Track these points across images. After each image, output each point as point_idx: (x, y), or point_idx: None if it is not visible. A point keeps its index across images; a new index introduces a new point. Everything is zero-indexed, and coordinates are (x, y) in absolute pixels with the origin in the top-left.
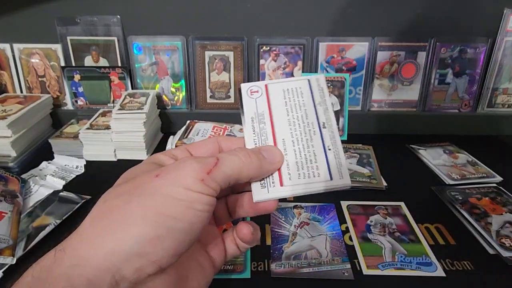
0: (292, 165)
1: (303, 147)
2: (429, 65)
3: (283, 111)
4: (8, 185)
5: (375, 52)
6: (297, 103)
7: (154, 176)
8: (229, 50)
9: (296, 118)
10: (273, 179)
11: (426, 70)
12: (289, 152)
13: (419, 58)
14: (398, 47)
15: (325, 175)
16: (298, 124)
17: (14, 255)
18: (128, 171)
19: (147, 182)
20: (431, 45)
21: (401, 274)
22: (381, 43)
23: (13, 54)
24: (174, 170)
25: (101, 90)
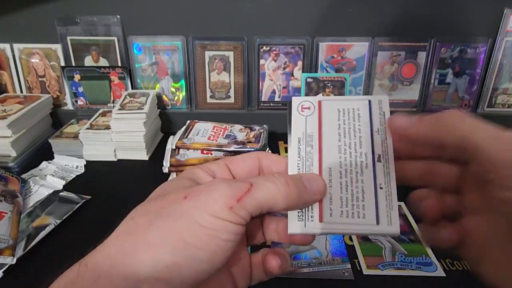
0: (336, 200)
1: (351, 181)
2: (429, 65)
3: (335, 135)
4: (8, 185)
5: (375, 52)
6: (351, 128)
7: (182, 198)
8: (229, 50)
9: (349, 145)
10: (313, 212)
11: (426, 70)
12: (334, 184)
13: (419, 58)
14: (398, 47)
15: (371, 217)
16: (349, 153)
17: (14, 255)
18: (162, 185)
19: (174, 203)
20: (431, 45)
21: (401, 274)
22: (381, 43)
23: (13, 54)
24: (204, 193)
25: (101, 90)
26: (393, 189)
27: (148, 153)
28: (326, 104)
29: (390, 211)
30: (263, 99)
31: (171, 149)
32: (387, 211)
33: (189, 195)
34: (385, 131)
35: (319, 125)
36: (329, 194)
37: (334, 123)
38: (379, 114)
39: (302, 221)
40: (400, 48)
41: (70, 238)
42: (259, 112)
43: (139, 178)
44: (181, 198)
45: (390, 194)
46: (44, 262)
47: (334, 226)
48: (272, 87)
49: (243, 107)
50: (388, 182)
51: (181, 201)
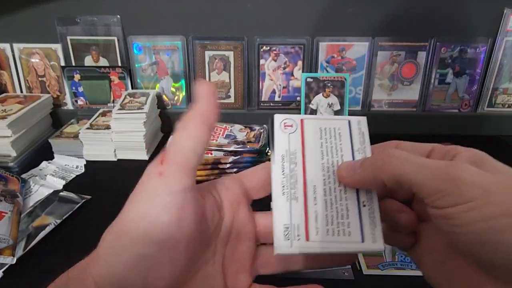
0: (321, 218)
1: (335, 198)
2: (429, 65)
3: (318, 153)
4: (8, 185)
5: (375, 52)
6: (334, 146)
7: (131, 197)
8: (229, 50)
9: (331, 163)
10: (299, 231)
11: (426, 70)
12: (319, 202)
13: (419, 58)
14: (398, 47)
15: (356, 235)
16: (332, 171)
17: (14, 255)
18: None
19: (127, 206)
20: (431, 45)
21: (401, 274)
22: (381, 43)
23: (13, 54)
24: (140, 181)
25: (101, 90)
26: (375, 206)
27: (148, 153)
28: (308, 122)
29: (374, 228)
30: (263, 99)
31: None
32: (371, 228)
33: (133, 191)
34: (365, 151)
35: (302, 143)
36: (314, 213)
37: (316, 141)
38: (359, 134)
39: (288, 240)
40: (400, 48)
41: (70, 238)
42: (259, 112)
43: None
44: (130, 196)
45: (373, 211)
46: (44, 262)
47: (320, 245)
48: (272, 87)
49: (243, 107)
50: (370, 200)
51: (130, 199)
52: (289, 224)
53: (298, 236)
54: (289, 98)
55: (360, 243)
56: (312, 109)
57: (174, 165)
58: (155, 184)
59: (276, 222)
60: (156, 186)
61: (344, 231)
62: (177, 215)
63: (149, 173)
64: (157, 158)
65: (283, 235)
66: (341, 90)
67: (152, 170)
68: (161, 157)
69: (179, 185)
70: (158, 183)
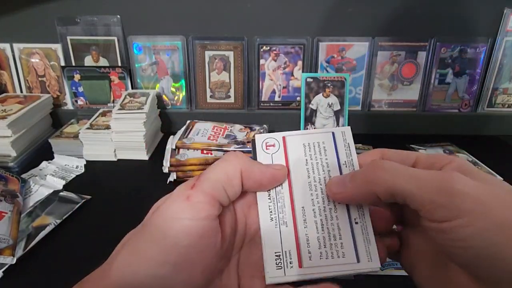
0: (313, 241)
1: (326, 218)
2: (429, 65)
3: (304, 171)
4: (8, 185)
5: (375, 52)
6: (319, 162)
7: (152, 213)
8: (229, 50)
9: (318, 181)
10: (291, 258)
11: (426, 70)
12: (309, 224)
13: (419, 58)
14: (398, 47)
15: (351, 255)
16: (320, 189)
17: (14, 255)
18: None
19: (147, 222)
20: (431, 45)
21: (401, 274)
22: (381, 43)
23: (13, 54)
24: (165, 200)
25: (101, 90)
26: (368, 222)
27: (148, 153)
28: (290, 139)
29: (368, 245)
30: (263, 99)
31: (171, 149)
32: (365, 246)
33: (157, 207)
34: (352, 164)
35: (286, 162)
36: (306, 236)
37: (301, 159)
38: (344, 146)
39: (281, 268)
40: (400, 48)
41: (70, 238)
42: (259, 112)
43: (139, 178)
44: (152, 211)
45: (365, 228)
46: (44, 262)
47: (315, 270)
48: (272, 87)
49: (243, 107)
50: (362, 216)
51: (151, 213)
52: (280, 251)
53: (291, 264)
54: (289, 98)
55: (355, 264)
56: (312, 109)
57: (203, 193)
58: (181, 207)
59: (267, 251)
60: (181, 209)
61: (338, 253)
62: (198, 241)
63: (177, 194)
64: (188, 182)
65: (275, 264)
66: (341, 90)
67: (180, 193)
68: (193, 182)
69: (203, 212)
70: (184, 207)
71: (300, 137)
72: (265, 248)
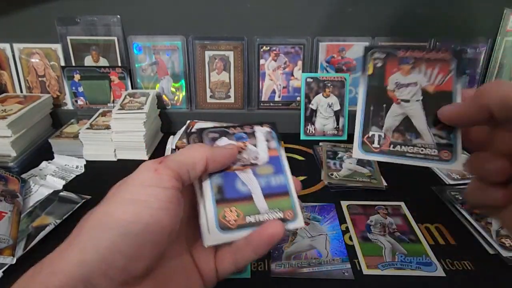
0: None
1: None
2: None
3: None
4: (8, 185)
5: None
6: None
7: (118, 185)
8: (229, 50)
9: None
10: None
11: None
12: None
13: None
14: (398, 47)
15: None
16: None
17: (14, 255)
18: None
19: (114, 192)
20: (431, 45)
21: (401, 274)
22: (381, 43)
23: (13, 54)
24: (133, 174)
25: (101, 90)
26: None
27: (148, 153)
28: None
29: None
30: (263, 99)
31: (171, 149)
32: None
33: (124, 180)
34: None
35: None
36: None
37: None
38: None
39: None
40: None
41: None
42: (259, 112)
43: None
44: (117, 185)
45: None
46: None
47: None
48: (272, 87)
49: (243, 107)
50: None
51: (117, 187)
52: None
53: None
54: (289, 98)
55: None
56: (312, 109)
57: (169, 169)
58: (149, 177)
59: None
60: (150, 178)
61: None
62: (166, 204)
63: (145, 167)
64: (154, 160)
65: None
66: (341, 90)
67: (149, 165)
68: (160, 159)
69: (170, 183)
70: (152, 176)
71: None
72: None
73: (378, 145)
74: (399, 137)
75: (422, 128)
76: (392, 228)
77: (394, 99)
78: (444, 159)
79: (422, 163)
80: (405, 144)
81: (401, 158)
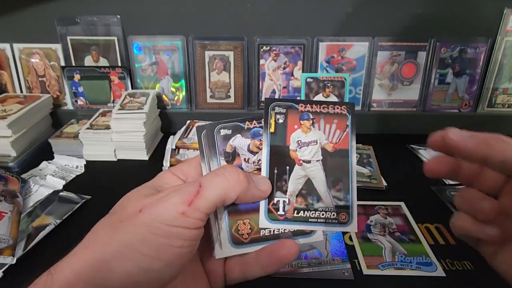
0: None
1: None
2: (429, 65)
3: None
4: (8, 185)
5: (375, 52)
6: None
7: (138, 211)
8: (229, 50)
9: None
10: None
11: (426, 70)
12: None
13: (419, 58)
14: (398, 47)
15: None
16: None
17: (14, 255)
18: (126, 195)
19: (131, 217)
20: (431, 45)
21: (401, 274)
22: (381, 43)
23: (13, 54)
24: (156, 204)
25: (101, 90)
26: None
27: (148, 153)
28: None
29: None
30: (263, 99)
31: (171, 149)
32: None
33: (144, 208)
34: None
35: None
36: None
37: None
38: None
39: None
40: (400, 48)
41: (70, 238)
42: (259, 112)
43: (139, 178)
44: (137, 211)
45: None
46: (44, 262)
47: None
48: (272, 87)
49: (243, 107)
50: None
51: (137, 214)
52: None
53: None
54: (289, 98)
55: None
56: None
57: (199, 212)
58: (175, 218)
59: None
60: (175, 219)
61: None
62: (188, 242)
63: (171, 205)
64: (185, 194)
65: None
66: (341, 90)
67: (176, 206)
68: (190, 196)
69: (196, 225)
70: (178, 218)
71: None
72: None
73: (283, 212)
74: (302, 202)
75: (322, 190)
76: (392, 228)
77: (296, 160)
78: (342, 222)
79: (324, 227)
80: (307, 209)
81: (304, 224)
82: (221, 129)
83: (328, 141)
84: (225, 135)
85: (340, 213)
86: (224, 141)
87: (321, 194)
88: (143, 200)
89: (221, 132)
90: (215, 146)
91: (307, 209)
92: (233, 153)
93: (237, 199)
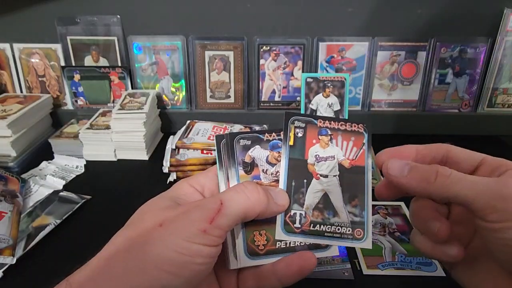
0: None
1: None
2: (429, 65)
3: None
4: (8, 185)
5: (375, 52)
6: None
7: (158, 225)
8: (229, 50)
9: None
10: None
11: (426, 70)
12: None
13: (419, 58)
14: (398, 47)
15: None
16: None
17: (14, 255)
18: (145, 204)
19: (150, 231)
20: (431, 45)
21: (401, 274)
22: (381, 43)
23: (13, 54)
24: (176, 220)
25: (101, 90)
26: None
27: (148, 153)
28: None
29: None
30: (263, 99)
31: (171, 149)
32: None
33: (164, 223)
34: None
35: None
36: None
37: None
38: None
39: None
40: (400, 48)
41: (70, 238)
42: (259, 112)
43: (139, 178)
44: (157, 225)
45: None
46: (44, 262)
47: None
48: (272, 87)
49: (243, 107)
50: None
51: (157, 228)
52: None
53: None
54: (289, 98)
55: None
56: (312, 109)
57: (220, 230)
58: (196, 235)
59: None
60: (196, 236)
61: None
62: (208, 259)
63: (193, 222)
64: (205, 211)
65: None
66: (341, 90)
67: (197, 223)
68: (213, 215)
69: (216, 242)
70: (198, 234)
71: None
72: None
73: (300, 225)
74: (319, 216)
75: (339, 205)
76: (392, 228)
77: (314, 174)
78: (357, 238)
79: (339, 242)
80: (323, 223)
81: (320, 238)
82: (241, 139)
83: (345, 157)
84: (244, 145)
85: (356, 229)
86: (243, 151)
87: (338, 209)
88: (162, 214)
89: (240, 142)
90: (234, 155)
91: (323, 223)
92: (251, 163)
93: (259, 216)
